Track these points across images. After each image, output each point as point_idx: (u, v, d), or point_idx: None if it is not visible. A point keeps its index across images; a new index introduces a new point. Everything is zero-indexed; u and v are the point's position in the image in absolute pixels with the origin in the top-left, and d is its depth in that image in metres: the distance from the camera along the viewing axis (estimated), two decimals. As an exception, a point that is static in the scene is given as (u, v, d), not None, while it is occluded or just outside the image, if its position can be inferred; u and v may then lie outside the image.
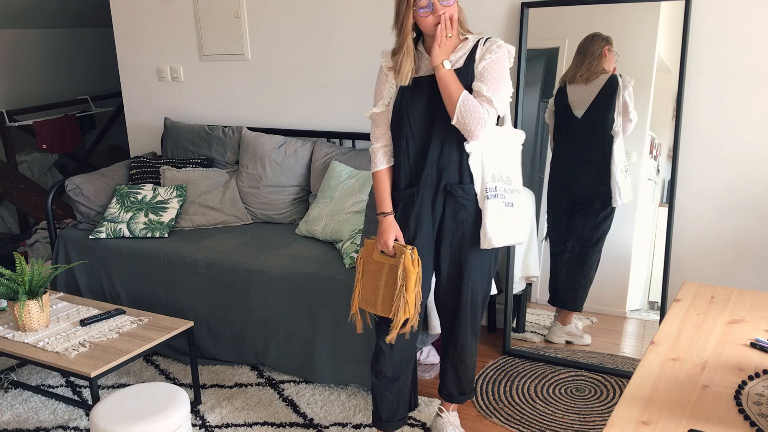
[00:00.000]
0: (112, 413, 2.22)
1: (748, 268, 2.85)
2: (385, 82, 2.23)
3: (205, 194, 3.66)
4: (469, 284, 2.28)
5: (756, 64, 2.72)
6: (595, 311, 3.07)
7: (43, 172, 5.65)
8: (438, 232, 2.26)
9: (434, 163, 2.18)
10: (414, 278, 2.14)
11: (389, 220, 2.25)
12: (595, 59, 2.86)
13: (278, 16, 3.74)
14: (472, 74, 2.13)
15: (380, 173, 2.28)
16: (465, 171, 2.18)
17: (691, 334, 1.75)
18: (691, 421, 1.37)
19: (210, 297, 3.15)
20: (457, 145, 2.16)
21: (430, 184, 2.20)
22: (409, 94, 2.19)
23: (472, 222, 2.21)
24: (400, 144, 2.23)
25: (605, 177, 2.90)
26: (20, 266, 2.74)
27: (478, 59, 2.13)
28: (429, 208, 2.23)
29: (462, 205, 2.20)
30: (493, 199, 2.18)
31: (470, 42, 2.16)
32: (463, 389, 2.49)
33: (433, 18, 2.06)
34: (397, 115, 2.22)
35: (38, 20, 5.59)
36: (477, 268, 2.27)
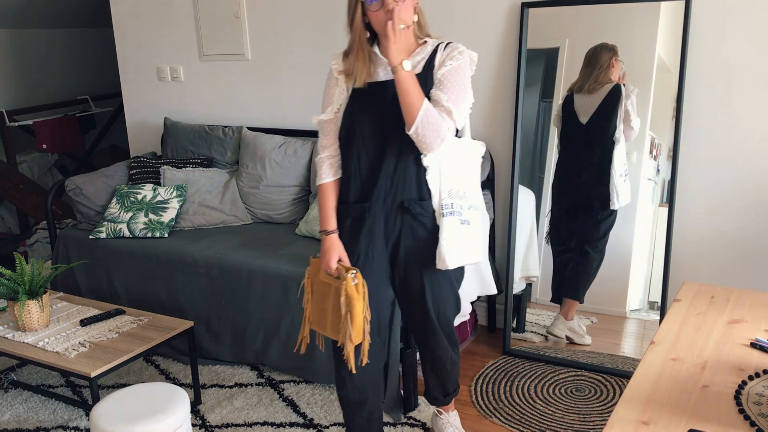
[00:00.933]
0: (112, 413, 2.22)
1: (748, 268, 2.85)
2: (335, 86, 2.07)
3: (205, 194, 3.66)
4: (436, 303, 2.16)
5: (756, 64, 2.72)
6: (595, 311, 3.07)
7: (43, 172, 5.64)
8: (394, 249, 2.11)
9: (389, 177, 2.03)
10: (359, 305, 1.99)
11: (332, 239, 2.08)
12: (603, 71, 2.90)
13: (278, 16, 3.74)
14: (431, 81, 1.99)
15: (325, 186, 2.11)
16: (423, 186, 2.04)
17: (691, 334, 1.75)
18: (691, 421, 1.37)
19: (210, 297, 3.15)
20: (414, 158, 2.01)
21: (384, 200, 2.05)
22: (362, 100, 2.02)
23: (431, 239, 2.06)
24: (350, 154, 2.07)
25: (605, 179, 2.93)
26: (20, 266, 2.74)
27: (438, 65, 1.99)
28: (382, 225, 2.08)
29: (420, 222, 2.07)
30: (449, 216, 2.04)
31: (429, 46, 2.03)
32: (447, 390, 2.45)
33: (383, 14, 1.89)
34: (347, 123, 2.05)
35: (38, 20, 5.59)
36: (441, 284, 2.14)
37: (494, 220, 3.27)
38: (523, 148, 3.15)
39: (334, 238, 2.09)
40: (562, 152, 3.05)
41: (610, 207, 2.94)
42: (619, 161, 2.90)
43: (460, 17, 3.24)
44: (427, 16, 3.32)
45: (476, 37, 3.22)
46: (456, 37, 3.26)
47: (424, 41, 2.03)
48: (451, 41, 2.04)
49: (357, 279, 2.00)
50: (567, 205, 3.07)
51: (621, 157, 2.90)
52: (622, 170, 2.91)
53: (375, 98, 2.01)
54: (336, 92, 2.07)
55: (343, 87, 2.06)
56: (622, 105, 2.87)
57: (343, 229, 2.12)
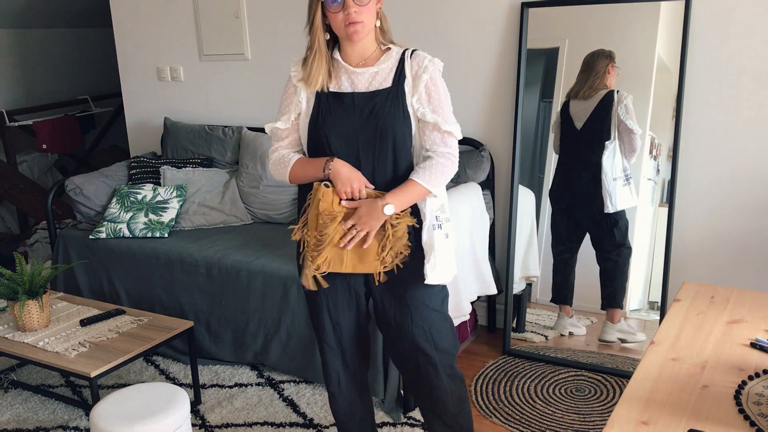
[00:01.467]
0: (112, 413, 2.22)
1: (748, 268, 2.85)
2: (293, 94, 1.95)
3: (205, 194, 3.66)
4: (425, 327, 1.96)
5: (756, 64, 2.72)
6: (595, 311, 3.07)
7: (43, 172, 5.64)
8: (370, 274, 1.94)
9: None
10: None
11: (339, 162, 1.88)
12: (599, 77, 2.91)
13: (278, 16, 3.74)
14: (402, 92, 1.89)
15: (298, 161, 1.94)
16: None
17: (691, 334, 1.75)
18: (691, 421, 1.37)
19: (210, 297, 3.15)
20: (392, 174, 1.90)
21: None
22: (327, 111, 1.90)
23: (414, 255, 1.91)
24: None
25: (599, 185, 2.95)
26: (20, 266, 2.74)
27: (411, 77, 1.89)
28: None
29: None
30: (437, 230, 1.91)
31: (394, 54, 1.92)
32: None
33: (342, 16, 1.81)
34: (313, 135, 1.92)
35: (38, 20, 5.59)
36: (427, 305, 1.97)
37: (494, 220, 3.27)
38: (523, 148, 3.15)
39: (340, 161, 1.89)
40: (560, 158, 3.08)
41: (605, 210, 2.95)
42: (608, 165, 2.93)
43: (460, 17, 3.24)
44: (427, 17, 3.34)
45: (476, 37, 3.22)
46: (456, 37, 3.28)
47: (387, 47, 1.94)
48: (415, 48, 1.95)
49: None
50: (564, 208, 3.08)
51: (610, 161, 2.92)
52: (617, 174, 2.92)
53: (342, 111, 1.89)
54: (294, 101, 1.95)
55: (303, 95, 1.94)
56: (614, 111, 2.90)
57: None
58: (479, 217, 3.07)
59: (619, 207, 2.94)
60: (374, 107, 1.88)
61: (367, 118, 1.88)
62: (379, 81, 1.91)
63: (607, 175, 2.93)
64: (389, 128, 1.88)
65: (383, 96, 1.89)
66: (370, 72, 1.91)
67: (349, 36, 1.84)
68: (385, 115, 1.88)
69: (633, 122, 2.88)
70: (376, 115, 1.88)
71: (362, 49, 1.91)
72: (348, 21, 1.81)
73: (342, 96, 1.90)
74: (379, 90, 1.90)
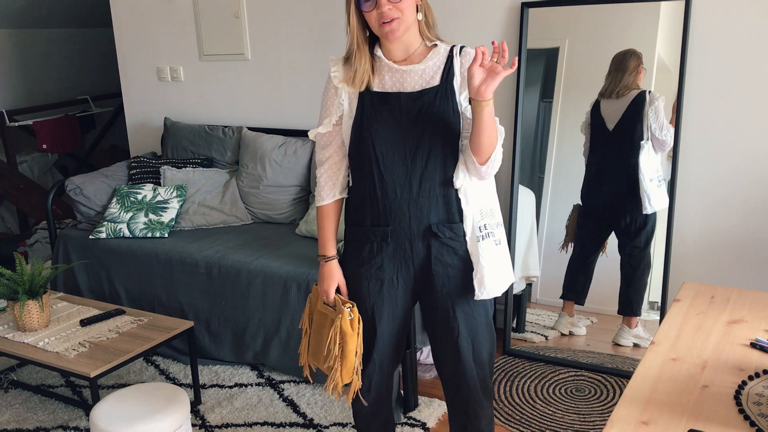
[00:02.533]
0: (112, 413, 2.22)
1: (748, 268, 2.85)
2: (334, 96, 1.86)
3: (205, 194, 3.66)
4: (469, 339, 1.89)
5: (756, 64, 2.71)
6: (595, 311, 3.07)
7: (43, 172, 5.65)
8: (420, 279, 1.89)
9: (413, 199, 1.81)
10: (353, 343, 1.84)
11: (331, 266, 1.90)
12: (632, 76, 2.89)
13: (278, 16, 3.74)
14: (452, 91, 1.79)
15: (326, 208, 1.91)
16: (452, 208, 1.83)
17: (691, 334, 1.75)
18: (691, 421, 1.37)
19: (210, 297, 3.15)
20: (442, 178, 1.81)
21: (408, 224, 1.82)
22: (372, 113, 1.81)
23: (463, 267, 1.85)
24: (363, 173, 1.84)
25: (634, 186, 2.92)
26: (20, 266, 2.74)
27: (460, 75, 1.80)
28: (408, 251, 1.85)
29: (451, 248, 1.84)
30: (485, 239, 1.83)
31: (441, 51, 1.82)
32: None
33: (377, 14, 1.72)
34: (357, 138, 1.83)
35: (38, 20, 5.59)
36: (475, 318, 1.90)
37: (494, 220, 3.27)
38: (523, 148, 3.15)
39: (334, 264, 1.92)
40: (591, 159, 3.03)
41: (643, 211, 2.91)
42: (646, 166, 2.89)
43: (460, 17, 3.24)
44: (427, 16, 3.33)
45: (476, 37, 3.22)
46: (456, 37, 3.27)
47: (434, 44, 1.84)
48: (463, 45, 1.86)
49: (353, 314, 1.85)
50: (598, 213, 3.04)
51: (648, 162, 2.89)
52: (652, 175, 2.90)
53: (388, 111, 1.80)
54: (335, 102, 1.87)
55: (344, 96, 1.85)
56: (646, 112, 2.87)
57: (361, 255, 1.89)
58: (479, 217, 3.06)
59: (657, 208, 2.91)
60: (422, 107, 1.79)
61: (415, 119, 1.79)
62: (426, 79, 1.81)
63: (644, 175, 2.89)
64: (439, 129, 1.79)
65: (431, 95, 1.79)
66: (417, 69, 1.81)
67: (384, 35, 1.76)
68: (434, 114, 1.78)
69: (660, 127, 2.84)
70: (424, 116, 1.79)
71: (406, 44, 1.81)
72: (382, 20, 1.72)
73: (387, 96, 1.81)
74: (427, 89, 1.80)
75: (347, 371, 1.86)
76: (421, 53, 1.83)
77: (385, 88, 1.82)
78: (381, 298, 1.90)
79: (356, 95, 1.84)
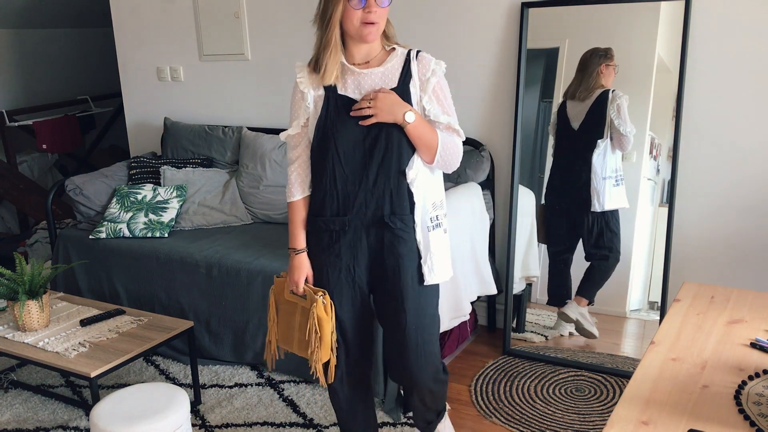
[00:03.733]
0: (112, 413, 2.22)
1: (748, 268, 2.85)
2: (301, 100, 2.01)
3: (205, 194, 3.66)
4: (415, 323, 2.02)
5: (756, 64, 2.72)
6: (595, 311, 3.07)
7: (43, 172, 5.65)
8: (373, 266, 2.03)
9: (369, 191, 1.96)
10: (328, 326, 1.99)
11: (301, 258, 2.05)
12: (593, 78, 2.92)
13: (278, 16, 3.74)
14: (409, 96, 1.93)
15: (295, 204, 2.06)
16: (404, 200, 1.97)
17: (691, 334, 1.75)
18: (691, 421, 1.37)
19: (210, 297, 3.15)
20: (396, 172, 1.95)
21: (364, 214, 1.98)
22: (335, 114, 1.95)
23: (413, 257, 1.99)
24: (324, 168, 1.98)
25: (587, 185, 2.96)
26: (20, 266, 2.74)
27: (420, 80, 1.95)
28: (363, 239, 2.00)
29: (402, 238, 1.98)
30: (436, 229, 2.00)
31: (399, 54, 1.97)
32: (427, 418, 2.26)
33: (362, 15, 1.85)
34: (320, 136, 1.98)
35: (38, 20, 5.59)
36: (423, 304, 2.03)
37: (494, 220, 3.27)
38: (523, 148, 3.15)
39: (303, 257, 2.07)
40: (555, 159, 3.08)
41: (591, 209, 2.96)
42: (600, 164, 2.93)
43: (460, 17, 3.24)
44: (428, 17, 3.34)
45: (476, 37, 3.22)
46: (456, 37, 3.28)
47: (392, 48, 2.00)
48: (419, 50, 1.99)
49: (326, 300, 1.99)
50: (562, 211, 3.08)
51: (604, 160, 2.92)
52: (608, 173, 2.93)
53: (349, 114, 1.94)
54: (302, 106, 2.01)
55: (310, 100, 1.99)
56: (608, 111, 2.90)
57: (321, 243, 2.04)
58: (479, 217, 3.07)
59: (607, 207, 2.94)
60: None
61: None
62: (385, 81, 1.95)
63: (597, 173, 2.94)
64: (395, 127, 1.92)
65: None
66: (377, 72, 1.95)
67: (362, 36, 1.89)
68: None
69: (623, 123, 2.87)
70: None
71: (369, 49, 1.96)
72: (366, 20, 1.86)
73: (350, 100, 1.95)
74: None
75: (325, 351, 2.01)
76: (380, 57, 1.98)
77: (347, 91, 1.96)
78: (339, 285, 2.04)
79: (321, 98, 1.98)
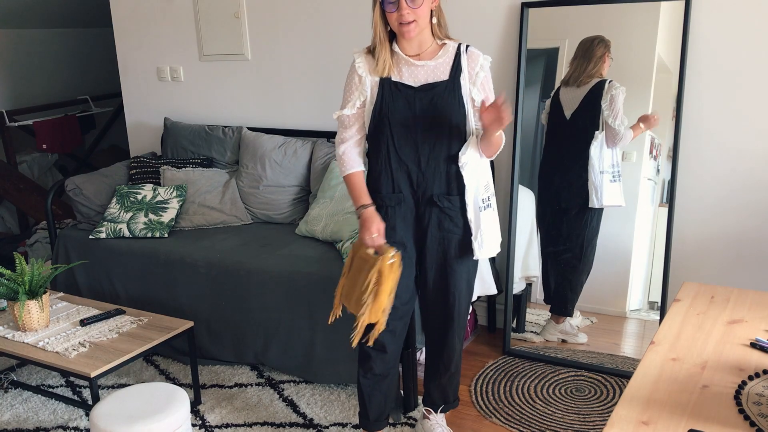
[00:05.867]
0: (112, 413, 2.22)
1: (748, 268, 2.85)
2: (358, 83, 2.17)
3: (205, 194, 3.66)
4: (456, 294, 2.26)
5: (756, 64, 2.72)
6: (595, 311, 3.07)
7: (43, 172, 5.65)
8: (422, 241, 2.22)
9: (421, 173, 2.15)
10: (389, 284, 2.05)
11: (370, 211, 2.16)
12: (597, 65, 2.89)
13: (278, 16, 3.74)
14: (459, 88, 2.11)
15: (354, 174, 2.20)
16: (452, 182, 2.15)
17: (691, 334, 1.75)
18: (691, 421, 1.37)
19: (210, 297, 3.15)
20: (445, 156, 2.13)
21: (415, 193, 2.17)
22: (390, 99, 2.13)
23: (459, 233, 2.19)
24: (379, 150, 2.17)
25: (584, 177, 2.94)
26: (20, 266, 2.74)
27: (469, 74, 2.12)
28: (413, 216, 2.20)
29: (448, 216, 2.18)
30: (486, 209, 2.18)
31: (450, 49, 2.14)
32: (448, 399, 2.50)
33: (397, 16, 2.02)
34: (377, 121, 2.15)
35: (38, 20, 5.59)
36: (463, 277, 2.25)
37: (494, 220, 3.27)
38: (523, 148, 3.15)
39: (372, 210, 2.16)
40: (546, 149, 3.07)
41: (589, 205, 2.93)
42: (597, 157, 2.90)
43: (460, 17, 3.24)
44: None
45: (476, 37, 3.22)
46: (456, 36, 3.26)
47: (443, 42, 2.14)
48: (468, 44, 2.16)
49: (395, 259, 2.05)
50: (552, 205, 3.08)
51: (599, 153, 2.89)
52: (605, 168, 2.90)
53: (404, 99, 2.11)
54: (359, 88, 2.16)
55: (367, 84, 2.14)
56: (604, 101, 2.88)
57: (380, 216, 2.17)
58: (479, 217, 3.07)
59: (606, 203, 2.92)
60: (433, 98, 2.11)
61: (427, 107, 2.10)
62: (437, 73, 2.12)
63: (594, 167, 2.91)
64: (446, 116, 2.11)
65: (441, 87, 2.11)
66: (430, 65, 2.12)
67: (402, 34, 2.06)
68: (443, 104, 2.10)
69: (612, 115, 2.85)
70: (434, 105, 2.10)
71: (419, 42, 2.12)
72: (400, 21, 2.02)
73: (404, 87, 2.12)
74: (437, 82, 2.11)
75: (376, 310, 2.06)
76: (433, 50, 2.14)
77: (402, 79, 2.13)
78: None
79: (377, 84, 2.14)
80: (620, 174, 2.90)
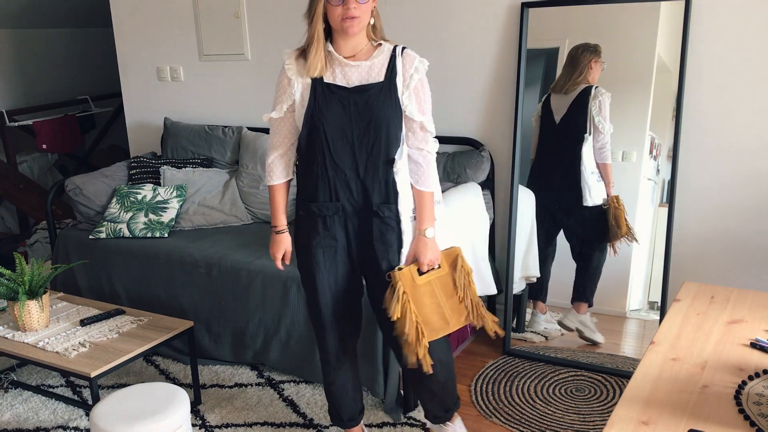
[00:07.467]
0: (112, 413, 2.22)
1: (748, 268, 2.85)
2: (287, 86, 2.09)
3: (205, 194, 3.66)
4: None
5: (756, 64, 2.72)
6: (595, 311, 3.07)
7: (43, 172, 5.64)
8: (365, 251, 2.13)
9: (360, 179, 2.07)
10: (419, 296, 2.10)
11: (283, 236, 2.22)
12: (582, 74, 2.94)
13: (278, 16, 3.74)
14: (395, 89, 2.03)
15: (277, 187, 2.18)
16: (390, 189, 2.08)
17: (691, 334, 1.75)
18: (691, 421, 1.37)
19: (210, 297, 3.15)
20: (384, 160, 2.06)
21: (356, 201, 2.09)
22: (323, 102, 2.03)
23: (397, 243, 2.12)
24: (314, 155, 2.07)
25: (577, 179, 2.99)
26: (20, 266, 2.74)
27: (403, 76, 2.04)
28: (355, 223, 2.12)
29: (389, 226, 2.10)
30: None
31: (386, 50, 2.06)
32: (447, 406, 2.35)
33: (341, 10, 1.94)
34: (309, 125, 2.06)
35: (38, 20, 5.59)
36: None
37: (494, 220, 3.27)
38: (523, 148, 3.15)
39: (286, 235, 2.23)
40: (538, 152, 3.11)
41: (583, 203, 2.99)
42: (589, 158, 2.96)
43: (460, 17, 3.24)
44: (427, 16, 3.34)
45: (476, 37, 3.22)
46: (456, 36, 3.28)
47: (378, 43, 2.08)
48: (405, 46, 2.09)
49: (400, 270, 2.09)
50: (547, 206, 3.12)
51: (591, 155, 2.96)
52: (594, 168, 2.96)
53: (338, 101, 2.03)
54: (288, 91, 2.09)
55: (296, 87, 2.07)
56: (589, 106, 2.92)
57: (317, 227, 2.13)
58: (479, 217, 3.07)
59: (597, 201, 2.97)
60: (368, 99, 2.03)
61: (362, 109, 2.02)
62: (372, 75, 2.04)
63: (586, 167, 2.96)
64: (383, 119, 2.03)
65: (376, 89, 2.03)
66: (364, 66, 2.04)
67: (344, 30, 1.98)
68: (378, 107, 2.02)
69: (603, 120, 2.90)
70: (370, 107, 2.02)
71: (355, 43, 2.05)
72: (345, 16, 1.95)
73: (337, 88, 2.04)
74: (372, 84, 2.03)
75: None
76: (367, 51, 2.07)
77: (335, 80, 2.05)
78: (335, 263, 2.15)
79: (308, 87, 2.05)
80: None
